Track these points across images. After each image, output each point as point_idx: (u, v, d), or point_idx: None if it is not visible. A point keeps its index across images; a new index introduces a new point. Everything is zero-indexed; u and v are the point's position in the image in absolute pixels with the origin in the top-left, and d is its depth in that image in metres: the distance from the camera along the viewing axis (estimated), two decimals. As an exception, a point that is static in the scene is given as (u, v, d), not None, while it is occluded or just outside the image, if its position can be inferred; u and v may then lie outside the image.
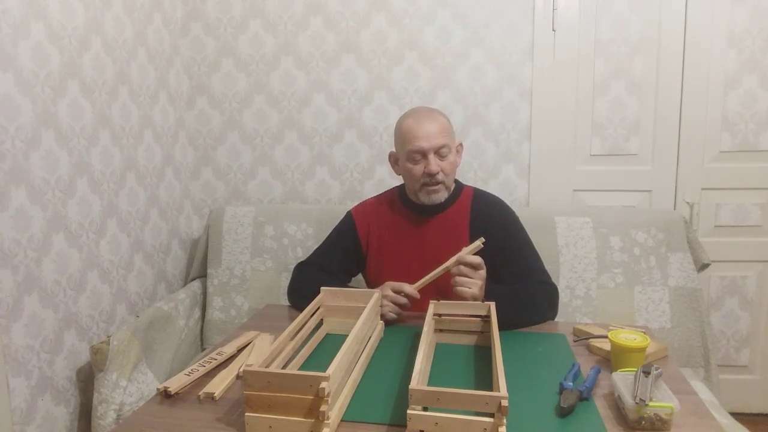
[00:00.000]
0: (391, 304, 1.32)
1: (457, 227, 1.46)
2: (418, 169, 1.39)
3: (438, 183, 1.39)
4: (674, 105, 2.00)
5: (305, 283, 1.50)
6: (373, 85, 2.11)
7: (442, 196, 1.42)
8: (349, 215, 1.60)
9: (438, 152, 1.38)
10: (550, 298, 1.40)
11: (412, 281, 1.34)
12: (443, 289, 1.39)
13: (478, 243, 1.29)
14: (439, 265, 1.31)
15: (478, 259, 1.28)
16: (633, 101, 2.02)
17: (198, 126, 2.22)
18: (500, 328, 1.11)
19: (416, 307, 1.35)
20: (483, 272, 1.28)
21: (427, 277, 1.33)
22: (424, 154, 1.38)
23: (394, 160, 1.50)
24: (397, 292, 1.32)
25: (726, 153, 2.01)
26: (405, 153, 1.41)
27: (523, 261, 1.44)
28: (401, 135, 1.42)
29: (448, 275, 1.32)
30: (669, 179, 2.04)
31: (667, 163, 2.04)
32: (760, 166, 2.00)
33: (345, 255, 1.56)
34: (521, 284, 1.39)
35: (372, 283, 1.56)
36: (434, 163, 1.37)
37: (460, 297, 1.26)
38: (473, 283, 1.26)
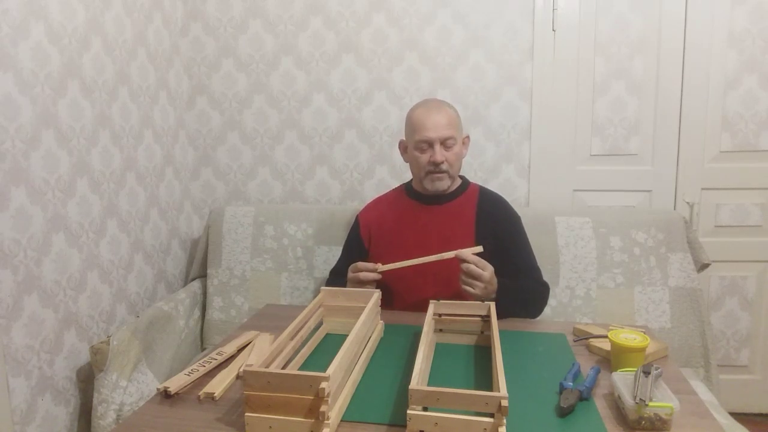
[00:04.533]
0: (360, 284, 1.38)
1: (463, 217, 1.50)
2: (425, 157, 1.46)
3: (442, 172, 1.45)
4: (674, 105, 2.00)
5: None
6: (373, 85, 2.11)
7: (445, 184, 1.48)
8: (356, 218, 1.65)
9: (444, 143, 1.44)
10: (544, 298, 1.50)
11: (412, 266, 1.37)
12: (446, 284, 1.40)
13: (478, 249, 1.33)
14: (441, 254, 1.35)
15: (479, 260, 1.30)
16: (633, 101, 2.02)
17: (198, 126, 2.22)
18: (500, 317, 1.21)
19: (416, 306, 1.38)
20: (487, 274, 1.30)
21: (399, 264, 1.36)
22: (430, 144, 1.44)
23: (403, 148, 1.57)
24: (355, 271, 1.38)
25: (726, 153, 2.01)
26: (413, 142, 1.47)
27: (526, 258, 1.52)
28: (411, 124, 1.49)
29: (453, 273, 1.34)
30: (669, 179, 2.04)
31: (667, 163, 2.03)
32: (760, 166, 2.00)
33: (353, 257, 1.58)
34: (524, 281, 1.46)
35: None
36: (440, 153, 1.43)
37: (465, 293, 1.31)
38: (475, 285, 1.30)
